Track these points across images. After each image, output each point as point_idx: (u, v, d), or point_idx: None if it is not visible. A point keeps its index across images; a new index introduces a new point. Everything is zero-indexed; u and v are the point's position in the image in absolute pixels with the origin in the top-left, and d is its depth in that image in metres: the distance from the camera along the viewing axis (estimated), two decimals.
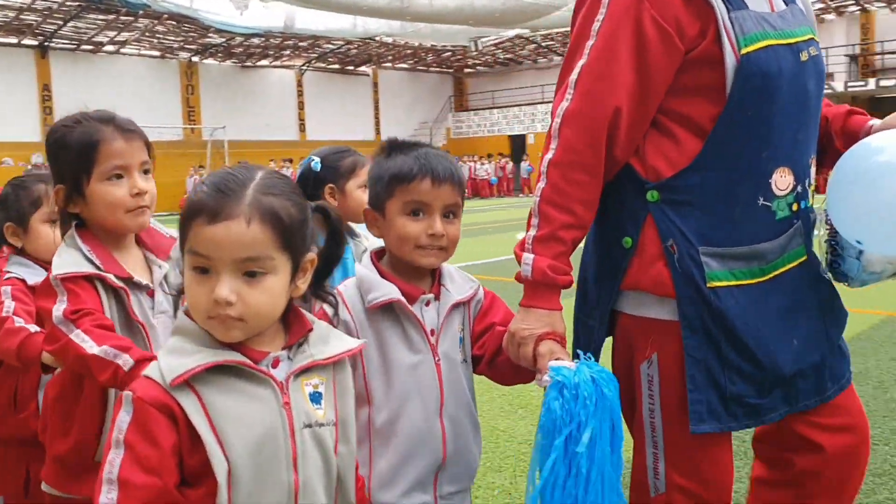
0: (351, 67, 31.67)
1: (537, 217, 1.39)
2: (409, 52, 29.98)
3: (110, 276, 1.44)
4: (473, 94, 35.26)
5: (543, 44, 29.57)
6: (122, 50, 26.29)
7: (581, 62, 1.37)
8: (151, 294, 1.52)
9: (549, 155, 1.38)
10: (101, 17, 22.45)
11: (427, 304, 1.49)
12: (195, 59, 27.44)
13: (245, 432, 0.96)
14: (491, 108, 33.08)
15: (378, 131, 31.17)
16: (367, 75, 32.38)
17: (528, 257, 1.38)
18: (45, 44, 24.21)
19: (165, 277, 1.59)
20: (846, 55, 25.08)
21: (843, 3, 24.69)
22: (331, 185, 2.25)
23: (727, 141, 1.40)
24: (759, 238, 1.43)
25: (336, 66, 31.19)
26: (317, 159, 2.28)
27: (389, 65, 32.38)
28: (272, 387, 1.02)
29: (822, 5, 24.76)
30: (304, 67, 30.51)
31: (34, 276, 1.83)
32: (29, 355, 1.64)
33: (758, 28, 1.38)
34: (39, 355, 1.59)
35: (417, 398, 1.43)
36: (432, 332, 1.50)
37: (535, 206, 1.41)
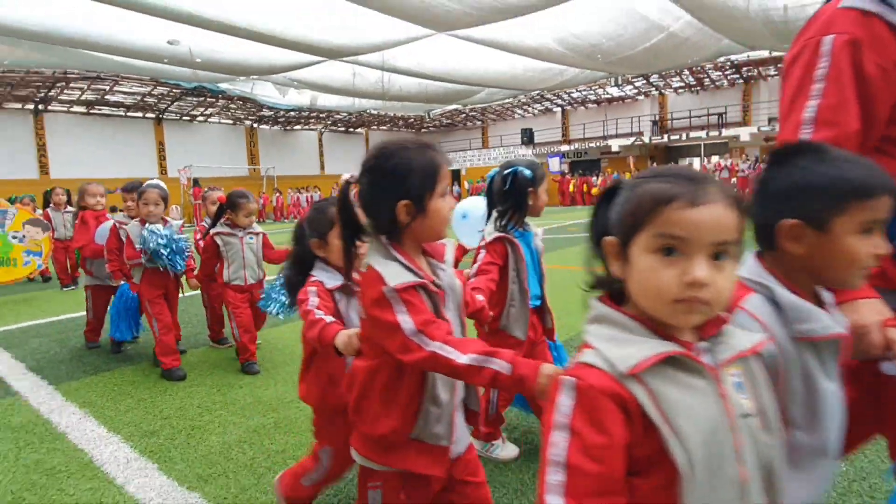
0: (352, 129, 31.56)
1: None
2: (387, 119, 29.56)
3: (430, 284, 1.15)
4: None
5: (470, 113, 29.08)
6: (209, 120, 26.15)
7: (814, 102, 1.09)
8: (442, 295, 1.19)
9: None
10: (195, 98, 22.66)
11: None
12: (255, 125, 27.57)
13: (696, 424, 0.67)
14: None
15: None
16: (361, 134, 32.38)
17: None
18: (160, 116, 24.29)
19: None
20: (651, 121, 25.95)
21: (648, 90, 25.60)
22: (532, 188, 1.92)
23: None
24: None
25: (343, 129, 31.12)
26: (527, 171, 1.92)
27: (375, 127, 32.08)
28: (709, 378, 0.72)
29: (635, 91, 25.63)
30: (323, 130, 30.42)
31: (332, 279, 1.62)
32: (326, 341, 1.37)
33: None
34: (333, 341, 1.34)
35: (835, 425, 0.90)
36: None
37: None
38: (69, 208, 6.67)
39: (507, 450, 2.16)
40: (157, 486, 1.99)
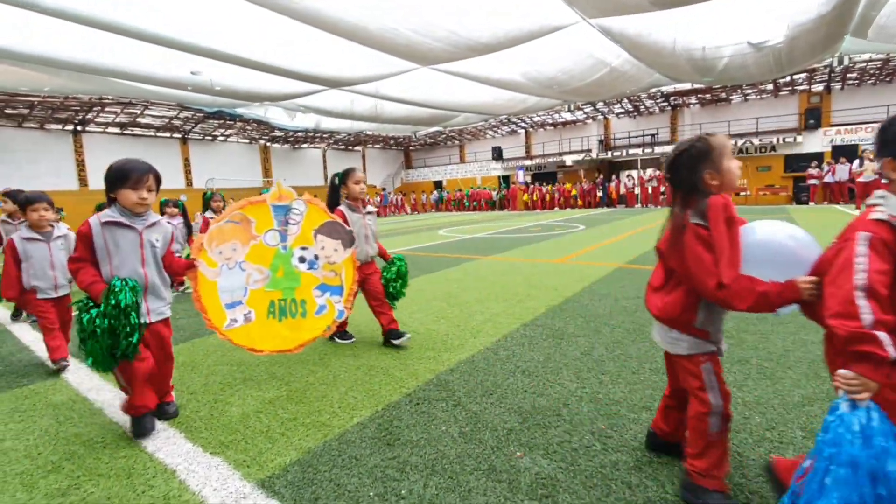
0: (351, 147, 31.25)
1: None
2: (380, 138, 29.52)
3: None
4: (415, 160, 34.89)
5: (450, 134, 29.21)
6: (228, 139, 25.84)
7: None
8: None
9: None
10: (216, 121, 22.30)
11: None
12: (268, 143, 27.21)
13: None
14: (423, 167, 33.36)
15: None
16: (359, 151, 32.05)
17: None
18: (186, 136, 23.88)
19: None
20: (597, 140, 26.27)
21: (595, 115, 25.84)
22: (710, 169, 1.35)
23: None
24: None
25: (343, 147, 30.80)
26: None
27: (371, 145, 32.01)
28: None
29: (584, 115, 25.70)
30: (326, 147, 30.12)
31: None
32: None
33: None
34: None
35: None
36: None
37: None
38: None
39: None
40: (183, 452, 1.92)
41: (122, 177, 1.94)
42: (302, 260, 2.45)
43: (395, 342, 3.04)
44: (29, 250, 2.99)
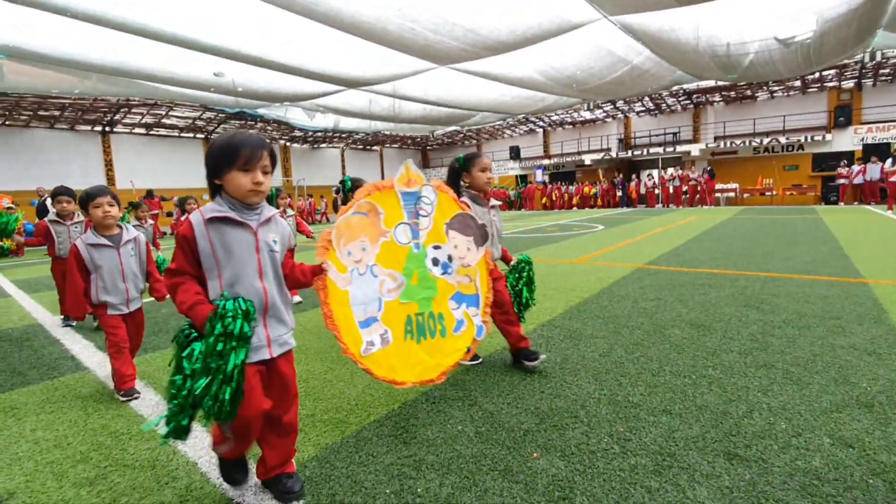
0: (369, 147, 31.32)
1: None
2: (398, 138, 29.49)
3: None
4: (432, 159, 34.78)
5: (467, 133, 28.95)
6: None
7: None
8: None
9: None
10: (238, 121, 22.46)
11: None
12: (288, 143, 27.33)
13: None
14: (441, 166, 33.12)
15: (382, 178, 31.46)
16: (377, 151, 32.12)
17: None
18: (208, 137, 24.03)
19: None
20: (617, 139, 25.91)
21: (615, 113, 25.43)
22: None
23: None
24: None
25: (361, 147, 30.85)
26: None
27: (388, 145, 31.95)
28: None
29: (604, 114, 25.41)
30: (344, 147, 30.15)
31: None
32: None
33: None
34: None
35: None
36: None
37: None
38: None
39: None
40: (205, 445, 1.95)
41: (229, 154, 1.38)
42: (435, 262, 1.89)
43: (529, 364, 2.49)
44: (96, 258, 2.44)
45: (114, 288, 2.47)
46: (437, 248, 1.88)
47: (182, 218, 5.06)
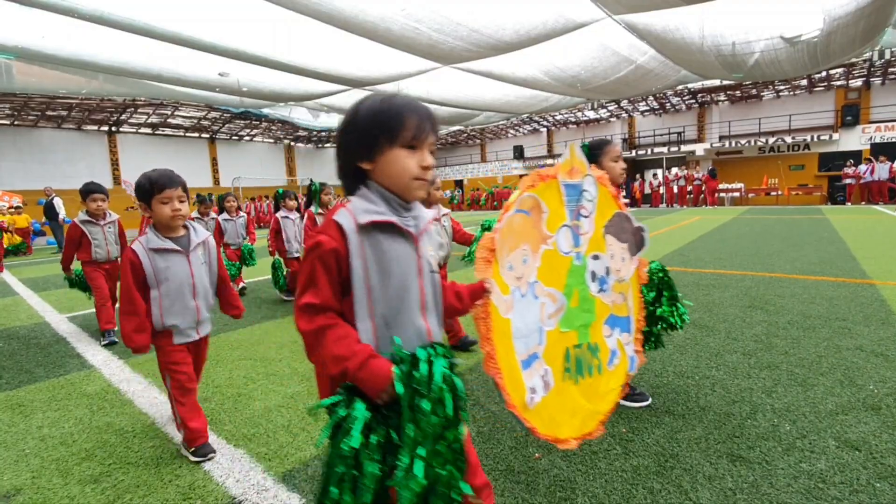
0: None
1: None
2: None
3: None
4: (436, 159, 35.47)
5: (471, 133, 29.03)
6: (254, 139, 26.17)
7: None
8: None
9: None
10: (242, 121, 22.63)
11: None
12: (292, 143, 27.53)
13: None
14: (444, 166, 32.98)
15: None
16: None
17: None
18: (213, 136, 24.31)
19: None
20: (621, 138, 25.81)
21: (619, 113, 25.37)
22: None
23: None
24: None
25: None
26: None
27: None
28: None
29: (608, 114, 25.32)
30: None
31: None
32: None
33: None
34: None
35: None
36: None
37: None
38: (241, 214, 5.36)
39: None
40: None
41: (389, 123, 0.94)
42: (593, 277, 1.39)
43: (631, 405, 2.05)
44: (161, 269, 1.77)
45: (182, 308, 1.81)
46: (595, 258, 1.39)
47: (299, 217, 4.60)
